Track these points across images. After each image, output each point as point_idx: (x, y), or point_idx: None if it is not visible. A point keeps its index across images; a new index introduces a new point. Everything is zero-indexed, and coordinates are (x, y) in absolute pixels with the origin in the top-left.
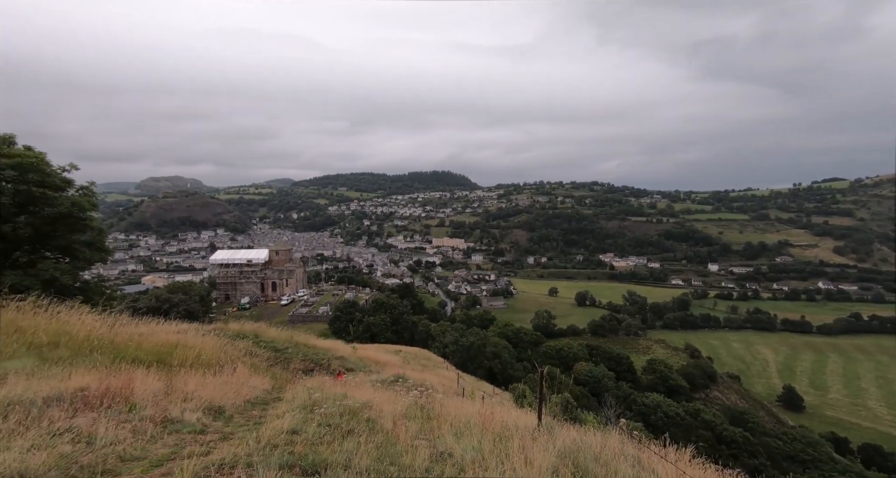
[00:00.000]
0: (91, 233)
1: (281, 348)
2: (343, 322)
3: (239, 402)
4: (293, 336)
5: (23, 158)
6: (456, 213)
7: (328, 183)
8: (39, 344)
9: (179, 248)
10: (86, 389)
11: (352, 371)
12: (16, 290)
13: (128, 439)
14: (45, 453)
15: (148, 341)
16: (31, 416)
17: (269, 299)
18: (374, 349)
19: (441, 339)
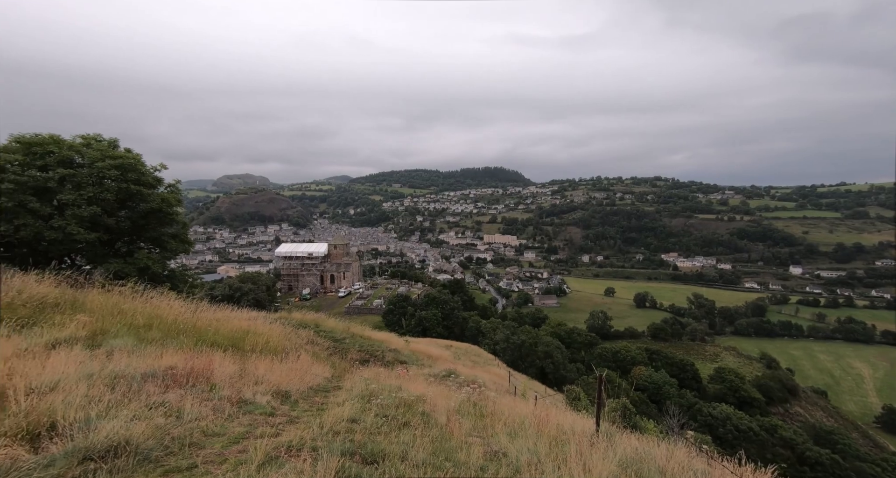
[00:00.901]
0: (177, 226)
1: (339, 339)
2: (396, 315)
3: (303, 388)
4: (350, 327)
5: (124, 160)
6: (508, 209)
7: (383, 180)
8: (137, 325)
9: (249, 240)
10: (174, 368)
11: (405, 364)
12: (118, 276)
13: (209, 415)
14: (144, 423)
15: (224, 327)
16: (132, 389)
17: (328, 291)
18: (425, 343)
19: (492, 336)
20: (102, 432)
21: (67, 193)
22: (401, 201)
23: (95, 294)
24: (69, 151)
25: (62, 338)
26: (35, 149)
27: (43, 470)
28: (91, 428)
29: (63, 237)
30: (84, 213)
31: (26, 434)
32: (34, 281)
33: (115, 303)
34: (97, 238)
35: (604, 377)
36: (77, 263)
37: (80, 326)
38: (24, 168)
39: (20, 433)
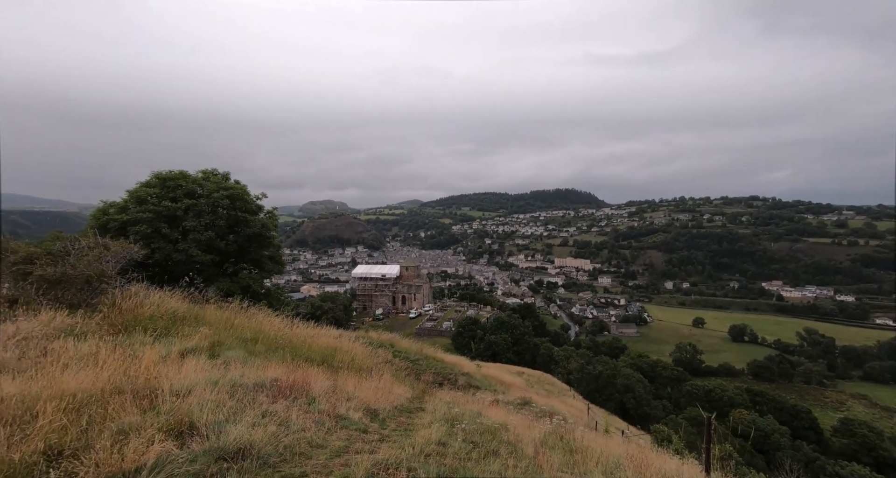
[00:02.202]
0: (272, 249)
1: (413, 360)
2: (465, 338)
3: (389, 407)
4: (423, 349)
5: (234, 190)
6: (580, 232)
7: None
8: (245, 339)
9: (328, 262)
10: (278, 380)
11: (477, 389)
12: (226, 293)
13: (312, 427)
14: (261, 430)
15: (315, 343)
16: (247, 397)
17: (399, 312)
18: (496, 368)
19: (565, 364)
20: (231, 435)
21: (190, 221)
22: (469, 224)
23: (212, 310)
24: (193, 184)
25: (190, 347)
26: (168, 183)
27: (189, 464)
28: (221, 431)
29: (186, 259)
30: (202, 237)
31: (173, 431)
32: (168, 297)
33: (227, 318)
34: (211, 260)
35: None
36: (195, 281)
37: (203, 338)
38: (159, 199)
39: (169, 429)
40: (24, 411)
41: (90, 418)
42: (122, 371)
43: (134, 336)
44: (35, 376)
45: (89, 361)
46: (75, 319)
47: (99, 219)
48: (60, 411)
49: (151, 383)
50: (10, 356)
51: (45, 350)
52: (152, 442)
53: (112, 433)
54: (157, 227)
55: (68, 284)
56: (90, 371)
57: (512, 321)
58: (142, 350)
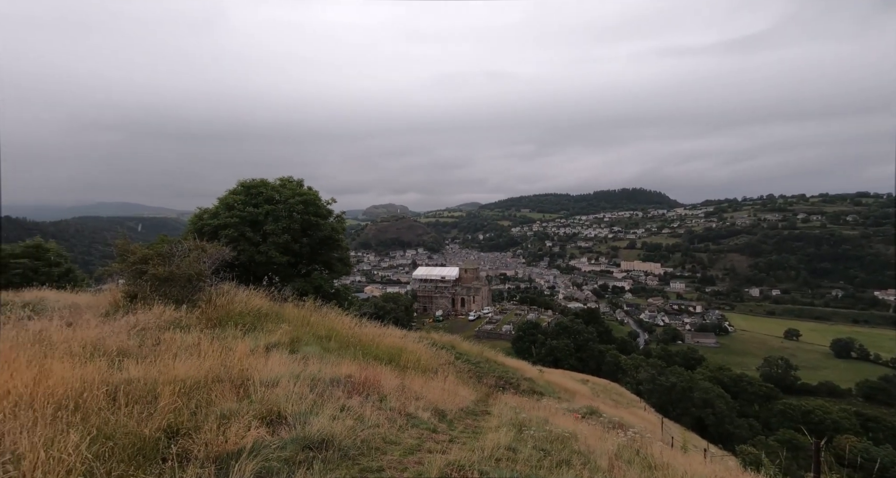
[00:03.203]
0: (341, 251)
1: (475, 362)
2: (525, 343)
3: (455, 408)
4: (483, 351)
5: (307, 196)
6: (649, 234)
7: (511, 205)
8: (320, 336)
9: (390, 264)
10: (351, 376)
11: (540, 395)
12: (300, 293)
13: (385, 424)
14: (339, 423)
15: (383, 343)
16: (325, 392)
17: (458, 314)
18: (559, 375)
19: (633, 374)
20: (315, 426)
21: (270, 225)
22: (529, 226)
23: (290, 308)
24: (272, 191)
25: (273, 342)
26: (251, 190)
27: (280, 451)
28: (305, 422)
29: (266, 260)
30: (280, 240)
31: (265, 419)
32: (252, 295)
33: (303, 316)
34: (287, 261)
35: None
36: (273, 281)
37: (284, 334)
38: (244, 206)
39: (262, 417)
40: (147, 392)
41: (197, 403)
42: (220, 362)
43: (227, 330)
44: (153, 362)
45: (193, 351)
46: (180, 313)
47: (195, 223)
48: (175, 395)
49: (244, 373)
50: (133, 344)
51: (159, 340)
52: (249, 428)
53: (216, 417)
54: (243, 231)
55: (174, 282)
56: (195, 360)
57: (575, 326)
58: (234, 343)
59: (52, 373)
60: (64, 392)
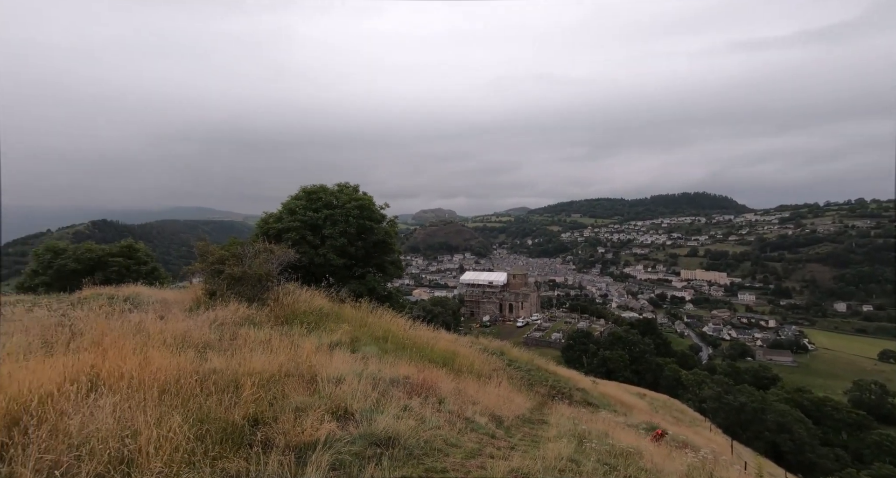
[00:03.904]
0: (393, 255)
1: (525, 369)
2: (576, 352)
3: (511, 415)
4: (533, 359)
5: (362, 201)
6: (714, 241)
7: (561, 210)
8: (377, 337)
9: (438, 268)
10: (409, 377)
11: (594, 407)
12: (355, 294)
13: (445, 426)
14: (403, 422)
15: (437, 346)
16: (386, 391)
17: (506, 320)
18: (613, 387)
19: (696, 390)
20: (381, 424)
21: (328, 229)
22: (580, 232)
23: (348, 308)
24: (330, 196)
25: (335, 341)
26: (312, 196)
27: (350, 445)
28: (371, 419)
29: (324, 262)
30: (337, 243)
31: (333, 414)
32: (314, 295)
33: (361, 317)
34: (343, 263)
35: None
36: (330, 282)
37: (344, 333)
38: (305, 211)
39: (332, 412)
40: (230, 382)
41: (274, 395)
42: (291, 358)
43: (293, 328)
44: (231, 355)
45: (265, 346)
46: (251, 311)
47: (262, 227)
48: (255, 387)
49: (312, 369)
50: (214, 338)
51: (235, 334)
52: (322, 421)
53: (292, 410)
54: (304, 234)
55: (246, 281)
56: (268, 356)
57: (630, 337)
58: (301, 341)
59: (152, 360)
60: (164, 378)
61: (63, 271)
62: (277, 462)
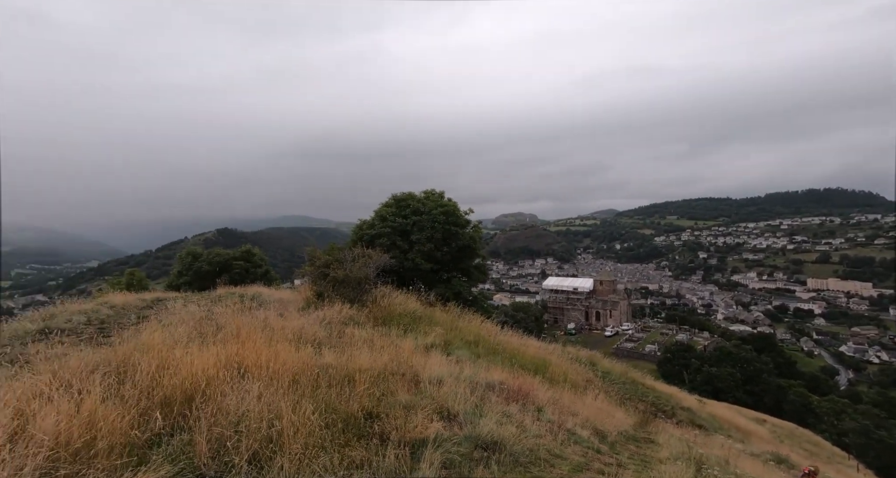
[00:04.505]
0: (478, 260)
1: (619, 382)
2: (674, 366)
3: (614, 430)
4: (627, 372)
5: (447, 207)
6: (853, 245)
7: (655, 212)
8: (468, 341)
9: (519, 273)
10: (503, 383)
11: (704, 429)
12: (443, 298)
13: (546, 436)
14: (505, 428)
15: (528, 353)
16: (484, 395)
17: (593, 328)
18: (724, 408)
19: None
20: (484, 427)
21: (416, 234)
22: (677, 235)
23: (438, 312)
24: (417, 203)
25: (429, 343)
26: (401, 203)
27: (457, 446)
28: (473, 422)
29: (413, 266)
30: (424, 248)
31: (438, 414)
32: (407, 299)
33: (451, 321)
34: (430, 268)
35: None
36: (418, 286)
37: (437, 336)
38: (395, 217)
39: (437, 412)
40: (344, 377)
41: (383, 391)
42: (393, 357)
43: (391, 329)
44: (341, 351)
45: (369, 344)
46: (353, 311)
47: (357, 233)
48: (367, 382)
49: (413, 369)
50: (324, 335)
51: (342, 332)
52: (431, 420)
53: (401, 406)
54: (394, 239)
55: (347, 284)
56: (373, 354)
57: (742, 354)
58: (398, 341)
59: (280, 353)
60: (292, 369)
61: (200, 272)
62: (394, 455)
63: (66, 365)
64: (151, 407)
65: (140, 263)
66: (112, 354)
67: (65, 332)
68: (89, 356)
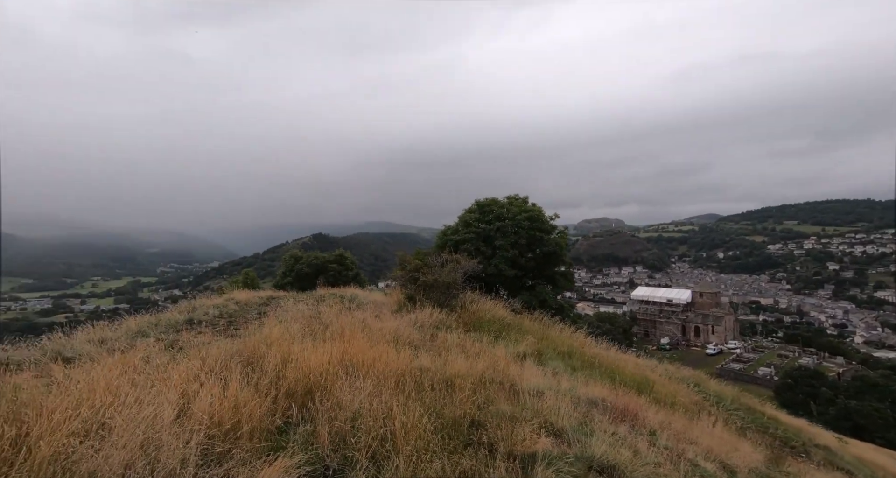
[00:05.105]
0: (564, 266)
1: (731, 409)
2: (797, 395)
3: (743, 466)
4: (740, 396)
5: (531, 212)
6: None
7: (768, 216)
8: (561, 352)
9: (603, 281)
10: (605, 400)
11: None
12: (528, 306)
13: (666, 465)
14: (617, 451)
15: (625, 368)
16: (588, 412)
17: (691, 345)
18: (871, 451)
19: None
20: (595, 448)
21: (499, 240)
22: (797, 243)
23: (527, 320)
24: (501, 208)
25: (521, 351)
26: (484, 208)
27: (568, 465)
28: (582, 441)
29: (496, 272)
30: (508, 254)
31: (541, 428)
32: (494, 305)
33: (541, 329)
34: (514, 274)
35: None
36: (501, 293)
37: (529, 345)
38: (478, 223)
39: (542, 426)
40: (443, 381)
41: (484, 399)
42: (490, 365)
43: (481, 335)
44: (438, 355)
45: (461, 349)
46: (442, 315)
47: (441, 238)
48: (468, 389)
49: (510, 378)
50: (417, 337)
51: (434, 336)
52: (537, 435)
53: (503, 417)
54: (478, 245)
55: (436, 288)
56: (469, 360)
57: (893, 386)
58: (490, 348)
59: (382, 354)
60: (395, 370)
61: (301, 274)
62: (504, 468)
63: (210, 352)
64: (279, 397)
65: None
66: (243, 346)
67: (203, 323)
68: (226, 346)
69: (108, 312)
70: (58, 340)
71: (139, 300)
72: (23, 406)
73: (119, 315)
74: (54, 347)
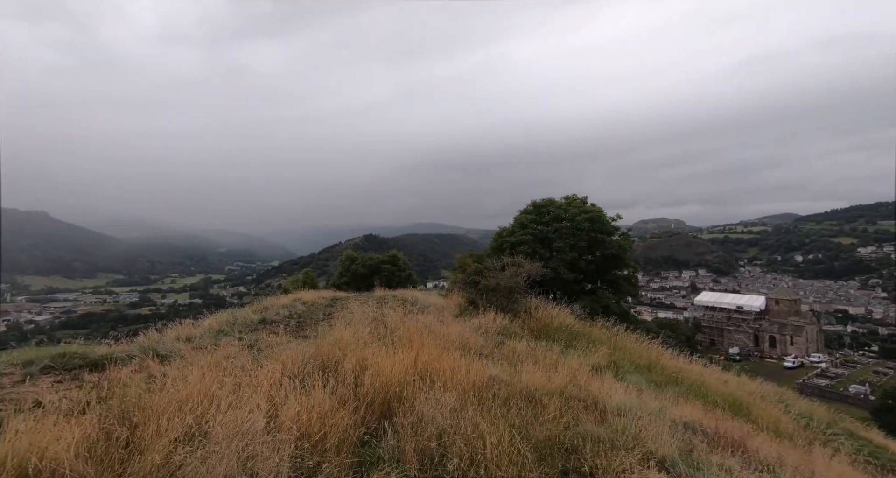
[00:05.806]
0: (627, 270)
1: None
2: None
3: None
4: (836, 419)
5: (592, 212)
6: None
7: (858, 215)
8: (639, 365)
9: (661, 285)
10: (702, 424)
11: None
12: (590, 312)
13: None
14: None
15: (713, 385)
16: (685, 439)
17: (765, 356)
18: None
19: None
20: None
21: (558, 242)
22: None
23: (596, 328)
24: (558, 209)
25: (595, 363)
26: (541, 209)
27: None
28: (691, 475)
29: (554, 276)
30: (567, 257)
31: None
32: (560, 312)
33: (612, 338)
34: (573, 278)
35: None
36: (558, 297)
37: (603, 356)
38: (535, 224)
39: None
40: (524, 396)
41: (572, 419)
42: (569, 378)
43: (550, 344)
44: (511, 365)
45: (532, 359)
46: (505, 321)
47: (497, 240)
48: (554, 407)
49: (591, 394)
50: (482, 344)
51: (500, 343)
52: (642, 466)
53: (594, 440)
54: (535, 247)
55: (497, 292)
56: (545, 372)
57: None
58: (562, 359)
59: (456, 365)
60: (473, 382)
61: (357, 274)
62: None
63: (287, 354)
64: (359, 407)
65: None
66: (316, 349)
67: (275, 323)
68: (301, 348)
69: (185, 306)
70: (152, 336)
71: (210, 296)
72: (131, 406)
73: (195, 309)
74: (149, 344)
